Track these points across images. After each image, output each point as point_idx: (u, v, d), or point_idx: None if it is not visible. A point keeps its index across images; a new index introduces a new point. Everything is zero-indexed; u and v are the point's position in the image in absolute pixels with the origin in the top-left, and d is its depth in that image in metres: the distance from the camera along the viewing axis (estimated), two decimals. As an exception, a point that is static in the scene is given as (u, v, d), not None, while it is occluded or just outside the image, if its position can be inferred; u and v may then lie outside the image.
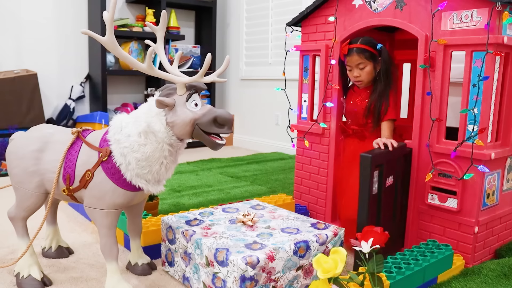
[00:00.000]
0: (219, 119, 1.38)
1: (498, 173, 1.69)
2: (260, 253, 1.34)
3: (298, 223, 1.61)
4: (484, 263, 1.63)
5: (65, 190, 1.46)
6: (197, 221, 1.61)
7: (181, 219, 1.64)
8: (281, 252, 1.38)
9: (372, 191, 1.54)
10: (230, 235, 1.48)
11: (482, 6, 1.52)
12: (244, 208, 1.77)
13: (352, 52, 1.86)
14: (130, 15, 4.17)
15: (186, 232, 1.51)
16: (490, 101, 1.57)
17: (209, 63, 1.34)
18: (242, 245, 1.40)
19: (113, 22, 1.32)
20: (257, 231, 1.53)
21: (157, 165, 1.41)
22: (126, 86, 4.25)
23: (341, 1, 1.94)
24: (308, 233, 1.51)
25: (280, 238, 1.46)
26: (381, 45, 1.86)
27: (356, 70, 1.88)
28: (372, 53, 1.86)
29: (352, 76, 1.91)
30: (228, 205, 1.81)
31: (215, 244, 1.40)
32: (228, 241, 1.42)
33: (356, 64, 1.87)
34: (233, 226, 1.56)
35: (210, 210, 1.76)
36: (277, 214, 1.70)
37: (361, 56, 1.85)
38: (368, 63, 1.86)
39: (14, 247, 1.82)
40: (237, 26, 4.44)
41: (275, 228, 1.55)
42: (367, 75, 1.88)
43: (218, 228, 1.54)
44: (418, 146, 1.71)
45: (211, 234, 1.49)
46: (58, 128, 1.57)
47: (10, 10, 3.66)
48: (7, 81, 3.28)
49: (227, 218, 1.66)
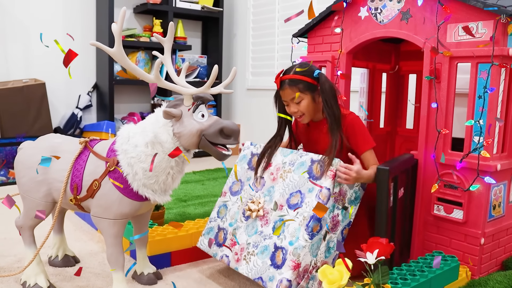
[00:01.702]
0: (225, 130, 1.39)
1: (504, 185, 1.68)
2: (286, 271, 1.41)
3: (296, 178, 1.56)
4: (491, 275, 1.62)
5: (72, 199, 1.48)
6: (223, 234, 1.67)
7: (210, 236, 1.72)
8: (300, 250, 1.42)
9: (389, 203, 1.54)
10: (253, 244, 1.55)
11: (487, 19, 1.53)
12: (246, 181, 1.72)
13: (284, 85, 1.64)
14: (137, 25, 4.21)
15: (222, 260, 1.63)
16: (495, 112, 1.57)
17: (216, 75, 1.35)
18: (268, 262, 1.48)
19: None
20: (270, 222, 1.55)
21: (163, 175, 1.42)
22: (133, 95, 4.28)
23: (347, 13, 1.96)
24: (311, 198, 1.48)
25: (292, 226, 1.48)
26: (319, 71, 1.64)
27: (292, 105, 1.66)
28: (309, 83, 1.63)
29: (289, 111, 1.68)
30: (232, 182, 1.77)
31: (250, 274, 1.51)
32: (257, 261, 1.51)
33: (291, 99, 1.65)
34: (250, 227, 1.60)
35: (223, 201, 1.76)
36: (274, 168, 1.65)
37: (294, 90, 1.62)
38: (303, 95, 1.63)
39: (21, 256, 1.84)
40: (244, 36, 4.47)
41: (282, 204, 1.54)
42: (305, 108, 1.65)
43: (241, 238, 1.60)
44: (424, 157, 1.71)
45: (240, 251, 1.58)
46: (66, 138, 1.59)
47: (20, 20, 3.70)
48: (16, 90, 3.31)
49: (240, 210, 1.67)
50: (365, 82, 2.39)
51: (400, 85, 2.49)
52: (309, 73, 1.64)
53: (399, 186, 1.62)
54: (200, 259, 1.86)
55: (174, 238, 1.78)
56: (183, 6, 4.17)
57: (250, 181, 1.70)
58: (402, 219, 1.69)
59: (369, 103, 2.40)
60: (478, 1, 1.53)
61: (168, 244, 1.77)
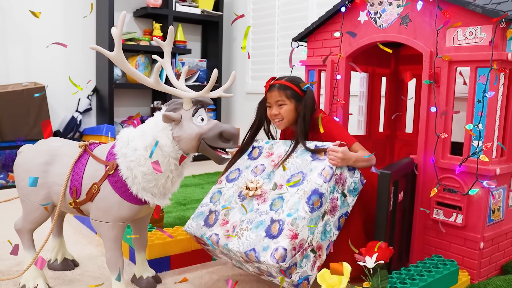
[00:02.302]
0: (225, 134, 1.40)
1: (503, 189, 1.69)
2: (283, 240, 1.36)
3: (299, 161, 1.58)
4: (490, 279, 1.62)
5: (71, 203, 1.48)
6: (214, 216, 1.60)
7: (199, 220, 1.63)
8: (299, 221, 1.39)
9: (389, 207, 1.54)
10: (248, 221, 1.48)
11: (486, 23, 1.54)
12: (244, 169, 1.71)
13: (274, 88, 1.73)
14: (137, 29, 4.22)
15: (211, 238, 1.53)
16: (495, 116, 1.57)
17: (215, 79, 1.35)
18: (263, 234, 1.41)
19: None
20: (268, 200, 1.52)
21: (163, 179, 1.42)
22: (133, 99, 4.28)
23: (347, 17, 1.96)
24: (312, 175, 1.49)
25: (291, 200, 1.46)
26: (308, 85, 1.74)
27: (275, 108, 1.73)
28: (296, 93, 1.71)
29: (270, 113, 1.76)
30: (229, 171, 1.74)
31: (241, 247, 1.42)
32: (250, 235, 1.43)
33: (275, 101, 1.72)
34: (246, 205, 1.54)
35: (217, 188, 1.71)
36: (275, 156, 1.65)
37: (281, 93, 1.71)
38: (288, 101, 1.71)
39: (19, 259, 1.83)
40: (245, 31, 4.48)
41: (282, 184, 1.53)
42: (287, 114, 1.71)
43: (234, 216, 1.53)
44: (424, 161, 1.72)
45: (231, 229, 1.49)
46: (65, 141, 1.59)
47: (20, 24, 3.71)
48: (16, 94, 3.31)
49: (235, 193, 1.62)
50: (365, 86, 2.39)
51: (399, 89, 2.49)
52: (299, 84, 1.73)
53: (399, 190, 1.62)
54: (199, 262, 1.86)
55: (173, 241, 1.78)
56: (183, 10, 4.18)
57: (248, 169, 1.69)
58: (401, 223, 1.69)
59: (369, 107, 2.40)
60: (477, 5, 1.53)
61: (167, 248, 1.77)
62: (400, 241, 1.69)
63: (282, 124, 1.75)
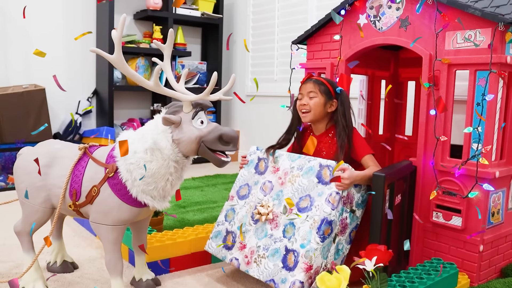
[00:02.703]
0: (224, 137, 1.40)
1: (503, 192, 1.69)
2: (299, 273, 1.45)
3: (305, 182, 1.61)
4: (490, 282, 1.62)
5: (71, 205, 1.48)
6: (231, 238, 1.70)
7: (218, 240, 1.74)
8: (312, 253, 1.46)
9: (384, 210, 1.54)
10: (264, 247, 1.58)
11: (486, 26, 1.54)
12: (253, 185, 1.77)
13: (309, 80, 1.80)
14: (137, 31, 4.22)
15: (232, 263, 1.65)
16: (494, 119, 1.57)
17: (215, 82, 1.36)
18: (280, 264, 1.51)
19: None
20: (280, 226, 1.59)
21: (162, 182, 1.42)
22: (133, 101, 4.29)
23: (346, 20, 1.97)
24: (320, 202, 1.53)
25: (302, 228, 1.52)
26: (341, 89, 1.79)
27: (305, 98, 1.78)
28: (328, 90, 1.77)
29: (299, 104, 1.81)
30: (239, 186, 1.81)
31: (261, 276, 1.54)
32: (268, 263, 1.54)
33: (308, 92, 1.78)
34: (260, 230, 1.63)
35: (230, 205, 1.79)
36: (282, 173, 1.70)
37: (315, 86, 1.77)
38: (319, 95, 1.76)
39: (19, 261, 1.83)
40: (243, 43, 4.48)
41: (292, 208, 1.59)
42: (315, 106, 1.76)
43: (251, 241, 1.63)
44: (423, 164, 1.72)
45: (250, 254, 1.61)
46: (65, 144, 1.59)
47: (20, 26, 3.71)
48: (16, 96, 3.32)
49: (248, 213, 1.70)
50: (364, 89, 2.39)
51: (399, 92, 2.49)
52: (333, 85, 1.80)
53: (396, 193, 1.62)
54: (198, 265, 1.86)
55: (172, 244, 1.78)
56: (183, 12, 4.18)
57: (257, 185, 1.74)
58: (399, 226, 1.69)
59: (368, 109, 2.40)
60: (476, 9, 1.54)
61: (167, 251, 1.77)
62: (399, 244, 1.69)
63: (307, 116, 1.79)
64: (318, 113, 1.77)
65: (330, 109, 1.78)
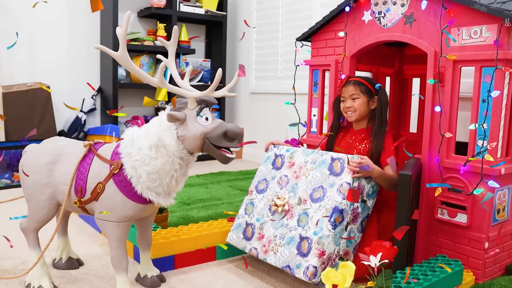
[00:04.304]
0: (229, 133, 1.40)
1: (508, 189, 1.68)
2: (312, 258, 1.52)
3: (318, 175, 1.69)
4: (495, 279, 1.61)
5: (76, 202, 1.48)
6: (250, 228, 1.78)
7: (238, 232, 1.82)
8: (324, 239, 1.53)
9: (409, 208, 1.55)
10: (280, 236, 1.66)
11: (491, 22, 1.53)
12: (271, 180, 1.85)
13: (349, 83, 1.88)
14: (141, 29, 4.23)
15: (251, 252, 1.73)
16: (499, 116, 1.57)
17: (220, 78, 1.36)
18: (295, 251, 1.58)
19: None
20: (295, 215, 1.67)
21: (167, 178, 1.42)
22: (137, 99, 4.30)
23: (351, 17, 1.96)
24: (332, 191, 1.60)
25: (315, 217, 1.59)
26: (380, 85, 1.86)
27: (349, 101, 1.87)
28: (369, 89, 1.86)
29: (343, 107, 1.90)
30: (257, 181, 1.90)
31: (278, 263, 1.62)
32: (284, 251, 1.61)
33: (350, 95, 1.86)
34: (276, 221, 1.71)
35: (249, 199, 1.88)
36: (297, 167, 1.78)
37: (356, 88, 1.85)
38: (362, 96, 1.85)
39: (25, 258, 1.84)
40: (247, 40, 4.48)
41: (306, 199, 1.67)
42: (359, 107, 1.85)
43: (268, 231, 1.71)
44: (428, 161, 1.71)
45: (267, 243, 1.68)
46: (70, 141, 1.59)
47: (25, 24, 3.72)
48: (21, 94, 3.33)
49: (266, 206, 1.79)
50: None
51: (403, 89, 2.49)
52: (372, 82, 1.88)
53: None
54: (203, 262, 1.87)
55: (177, 241, 1.79)
56: (187, 10, 4.18)
57: (274, 179, 1.84)
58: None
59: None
60: (482, 4, 1.53)
61: (172, 247, 1.78)
62: (405, 240, 1.68)
63: (353, 116, 1.88)
64: (362, 112, 1.87)
65: (373, 106, 1.87)
